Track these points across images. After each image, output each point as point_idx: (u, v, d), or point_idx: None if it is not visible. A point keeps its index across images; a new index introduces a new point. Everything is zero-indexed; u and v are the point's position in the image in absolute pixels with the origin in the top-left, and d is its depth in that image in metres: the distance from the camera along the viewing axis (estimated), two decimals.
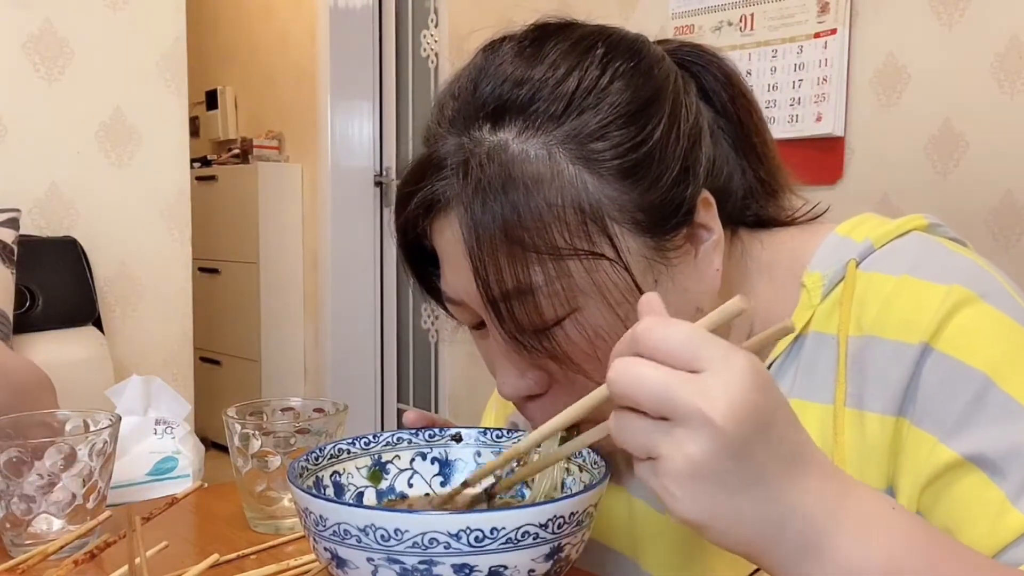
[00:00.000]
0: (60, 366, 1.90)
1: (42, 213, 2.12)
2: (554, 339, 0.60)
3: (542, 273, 0.58)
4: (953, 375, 0.58)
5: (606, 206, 0.59)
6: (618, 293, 0.59)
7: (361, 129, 3.77)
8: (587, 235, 0.58)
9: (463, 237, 0.59)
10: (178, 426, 1.60)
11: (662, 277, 0.61)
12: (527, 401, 0.65)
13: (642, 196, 0.59)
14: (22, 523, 0.74)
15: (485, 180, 0.58)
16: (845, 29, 1.98)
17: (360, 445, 0.67)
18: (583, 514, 0.53)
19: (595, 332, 0.59)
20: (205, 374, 3.61)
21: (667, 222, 0.61)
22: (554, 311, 0.59)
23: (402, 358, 3.81)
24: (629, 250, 0.59)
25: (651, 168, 0.60)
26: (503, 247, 0.57)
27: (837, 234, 0.67)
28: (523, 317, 0.59)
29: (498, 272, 0.58)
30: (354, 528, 0.50)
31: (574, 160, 0.59)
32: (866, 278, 0.63)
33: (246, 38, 4.18)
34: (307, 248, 3.90)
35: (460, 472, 0.68)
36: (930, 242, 0.65)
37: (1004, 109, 1.76)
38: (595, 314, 0.59)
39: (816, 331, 0.65)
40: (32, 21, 2.10)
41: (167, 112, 2.30)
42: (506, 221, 0.57)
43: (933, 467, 0.58)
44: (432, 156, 0.62)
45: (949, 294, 0.59)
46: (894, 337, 0.60)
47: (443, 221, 0.61)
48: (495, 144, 0.59)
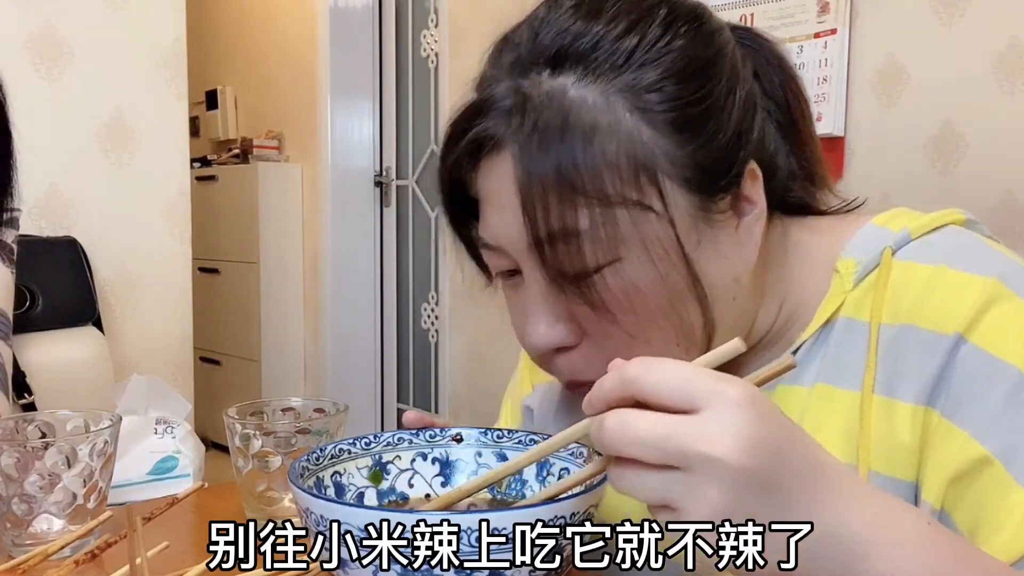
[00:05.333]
0: (60, 366, 1.90)
1: (42, 213, 2.12)
2: (593, 287, 0.59)
3: (589, 218, 0.58)
4: (987, 370, 0.58)
5: (659, 158, 0.59)
6: (661, 248, 0.59)
7: (361, 129, 3.77)
8: (637, 185, 0.58)
9: (515, 175, 0.59)
10: (178, 426, 1.60)
11: (704, 239, 0.61)
12: (555, 355, 0.63)
13: (695, 153, 0.59)
14: (23, 523, 0.74)
15: (542, 122, 0.58)
16: (845, 29, 1.98)
17: (361, 445, 0.67)
18: (584, 514, 0.53)
19: (634, 284, 0.59)
20: (205, 374, 3.61)
21: (715, 184, 0.61)
22: (596, 258, 0.59)
23: (402, 358, 3.81)
24: (676, 206, 0.59)
25: (706, 126, 0.60)
26: (554, 188, 0.57)
27: (874, 224, 0.67)
28: (565, 260, 0.59)
29: (547, 212, 0.57)
30: (355, 528, 0.50)
31: (631, 110, 0.59)
32: (901, 267, 0.63)
33: (246, 38, 4.18)
34: (307, 248, 3.90)
35: (461, 472, 0.68)
36: (967, 235, 0.65)
37: (1004, 109, 1.76)
38: (636, 266, 0.59)
39: (846, 317, 0.65)
40: (32, 21, 2.09)
41: (167, 112, 2.29)
42: (560, 163, 0.57)
43: (962, 463, 0.58)
44: (487, 97, 0.62)
45: (986, 287, 0.59)
46: (930, 327, 0.60)
47: (493, 161, 0.61)
48: (553, 88, 0.59)
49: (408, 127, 3.68)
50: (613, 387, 0.46)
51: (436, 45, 3.40)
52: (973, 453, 0.57)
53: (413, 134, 3.65)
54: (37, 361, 1.79)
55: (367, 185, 3.79)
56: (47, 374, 1.78)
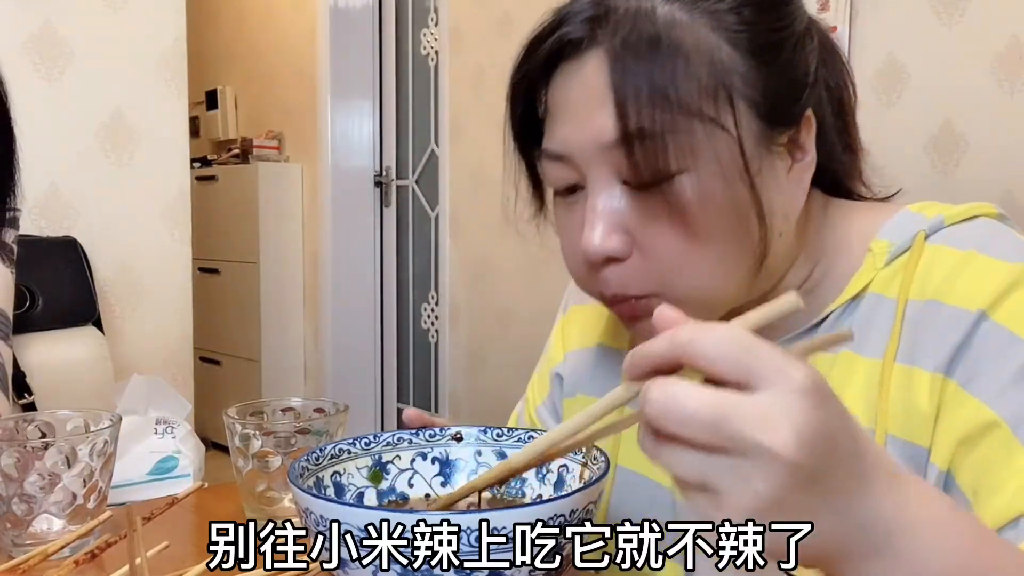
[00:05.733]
0: (60, 366, 1.90)
1: (42, 213, 2.12)
2: (667, 191, 0.61)
3: (671, 123, 0.60)
4: (1005, 345, 0.60)
5: (735, 78, 0.62)
6: (729, 163, 0.61)
7: (361, 129, 3.77)
8: (715, 101, 0.61)
9: (608, 70, 0.61)
10: (178, 425, 1.60)
11: (764, 167, 0.63)
12: (606, 264, 0.65)
13: (766, 79, 0.62)
14: (23, 523, 0.74)
15: (635, 29, 0.61)
16: (845, 28, 1.98)
17: (360, 445, 0.67)
18: (583, 511, 0.53)
19: (702, 194, 0.61)
20: (205, 374, 3.61)
21: (779, 115, 0.64)
22: (675, 162, 0.61)
23: (402, 358, 3.81)
24: (745, 127, 0.62)
25: (779, 56, 0.63)
26: (645, 87, 0.60)
27: (909, 210, 0.70)
28: (647, 159, 0.61)
29: (638, 108, 0.60)
30: (355, 528, 0.50)
31: (714, 28, 0.62)
32: (933, 250, 0.66)
33: (246, 38, 4.18)
34: (307, 248, 3.90)
35: (461, 472, 0.68)
36: (1000, 226, 0.67)
37: (1004, 109, 1.76)
38: (706, 177, 0.61)
39: (875, 292, 0.67)
40: (32, 21, 2.09)
41: (167, 112, 2.29)
42: (652, 66, 0.60)
43: (972, 426, 0.59)
44: (568, 11, 0.65)
45: (1012, 271, 0.62)
46: (954, 303, 0.62)
47: (572, 66, 0.64)
48: (641, 2, 0.62)
49: (408, 127, 3.68)
50: (661, 350, 0.43)
51: (436, 44, 3.40)
52: (983, 417, 0.59)
53: (413, 134, 3.65)
54: (37, 361, 1.79)
55: (367, 185, 3.79)
56: (47, 374, 1.78)
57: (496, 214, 3.01)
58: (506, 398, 2.74)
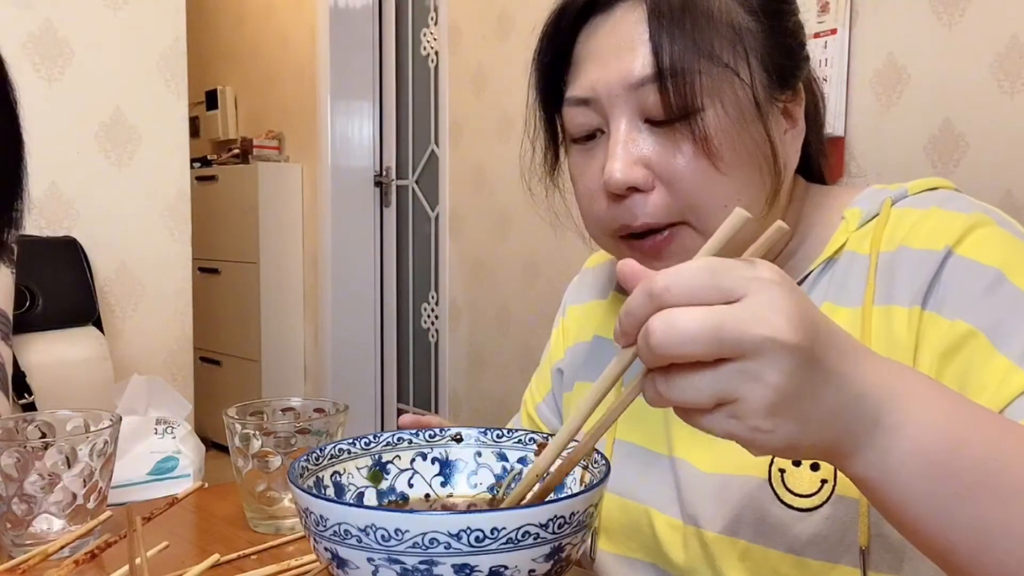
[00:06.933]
0: (60, 366, 1.90)
1: (42, 213, 2.12)
2: (693, 124, 0.68)
3: (699, 65, 0.67)
4: (972, 271, 0.66)
5: (749, 32, 0.70)
6: (745, 105, 0.69)
7: (361, 129, 3.77)
8: (733, 51, 0.69)
9: (646, 20, 0.68)
10: (179, 425, 1.60)
11: (769, 118, 0.70)
12: (629, 194, 0.70)
13: (774, 37, 0.71)
14: (23, 523, 0.74)
15: None
16: (845, 29, 1.98)
17: (360, 445, 0.67)
18: (584, 514, 0.53)
19: (721, 131, 0.68)
20: (205, 374, 3.61)
21: (781, 75, 0.71)
22: (696, 98, 0.67)
23: (402, 358, 3.81)
24: (756, 77, 0.70)
25: (784, 21, 0.72)
26: (679, 31, 0.68)
27: (875, 187, 0.78)
28: (673, 94, 0.67)
29: (672, 46, 0.67)
30: (355, 528, 0.50)
31: None
32: (899, 212, 0.73)
33: (246, 38, 4.18)
34: (307, 248, 3.90)
35: (460, 472, 0.68)
36: (956, 193, 0.74)
37: (1004, 109, 1.76)
38: (724, 116, 0.68)
39: (850, 250, 0.74)
40: (32, 21, 2.10)
41: (167, 112, 2.30)
42: (683, 19, 0.68)
43: (951, 339, 0.65)
44: None
45: (971, 217, 0.68)
46: (921, 247, 0.69)
47: (601, 18, 0.71)
48: None
49: (408, 127, 3.68)
50: (642, 304, 0.45)
51: (436, 43, 3.40)
52: (959, 330, 0.64)
53: (413, 134, 3.65)
54: (37, 361, 1.79)
55: (367, 185, 3.79)
56: (47, 374, 1.78)
57: (496, 214, 3.01)
58: (506, 398, 2.76)
